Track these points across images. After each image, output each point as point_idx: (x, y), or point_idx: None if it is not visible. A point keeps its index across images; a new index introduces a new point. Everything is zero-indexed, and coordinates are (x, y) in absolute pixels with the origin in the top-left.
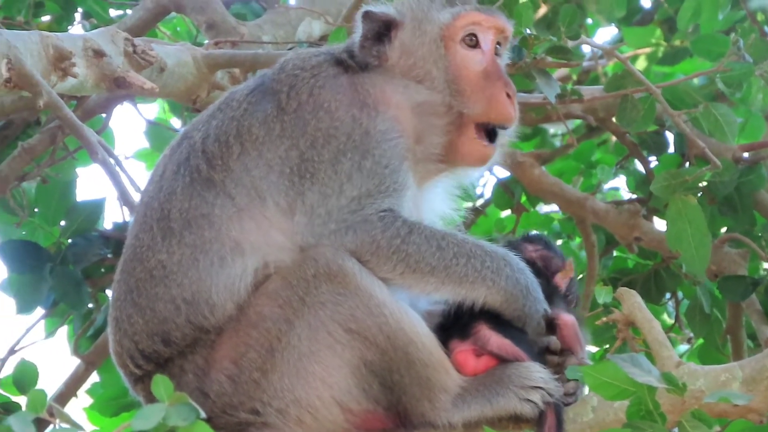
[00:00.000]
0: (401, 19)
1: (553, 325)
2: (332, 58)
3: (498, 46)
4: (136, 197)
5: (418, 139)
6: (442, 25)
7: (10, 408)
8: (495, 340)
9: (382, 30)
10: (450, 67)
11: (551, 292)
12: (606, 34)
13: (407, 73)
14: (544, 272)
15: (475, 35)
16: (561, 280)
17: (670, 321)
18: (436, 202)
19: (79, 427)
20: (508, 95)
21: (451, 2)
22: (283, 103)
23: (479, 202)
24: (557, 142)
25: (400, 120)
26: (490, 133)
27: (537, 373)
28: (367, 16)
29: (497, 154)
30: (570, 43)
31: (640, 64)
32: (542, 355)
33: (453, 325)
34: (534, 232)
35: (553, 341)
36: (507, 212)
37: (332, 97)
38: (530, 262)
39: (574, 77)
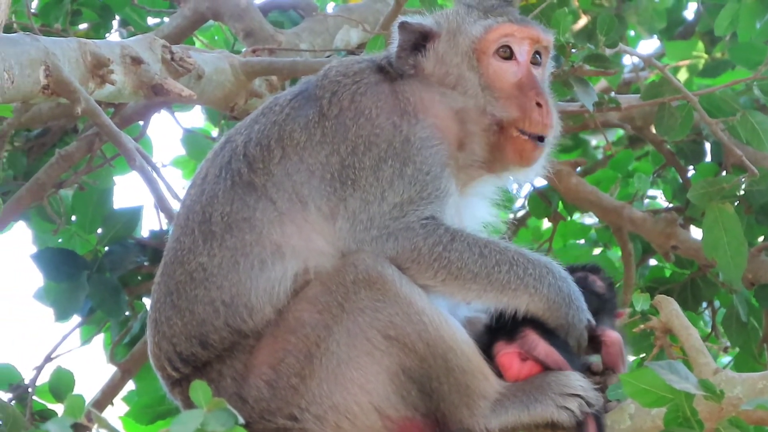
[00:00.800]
0: (438, 30)
1: (597, 342)
2: (374, 65)
3: (538, 55)
4: (174, 204)
5: (461, 145)
6: (474, 39)
7: (47, 415)
8: (543, 347)
9: (419, 41)
10: (483, 79)
11: (599, 309)
12: (648, 47)
13: (442, 82)
14: (596, 292)
15: (509, 47)
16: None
17: (706, 330)
18: (478, 210)
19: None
20: (539, 104)
21: (488, 12)
22: (324, 109)
23: (520, 213)
24: (599, 154)
25: (441, 127)
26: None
27: (576, 381)
28: (403, 27)
29: (544, 156)
30: (608, 52)
31: (681, 76)
32: (584, 371)
33: (499, 328)
34: (593, 264)
35: (595, 363)
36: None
37: (373, 104)
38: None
39: (614, 89)
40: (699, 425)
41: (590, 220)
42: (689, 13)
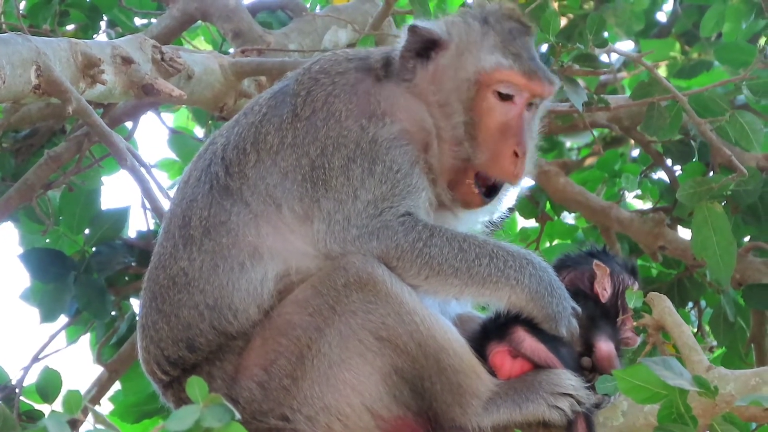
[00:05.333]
0: (447, 41)
1: (591, 350)
2: (363, 65)
3: (537, 99)
4: (165, 203)
5: (426, 151)
6: (482, 70)
7: (34, 416)
8: (529, 342)
9: (426, 46)
10: (473, 110)
11: (595, 315)
12: (622, 48)
13: (429, 95)
14: (588, 294)
15: (510, 93)
16: (599, 287)
17: (693, 330)
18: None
19: (114, 428)
20: (516, 154)
21: (505, 41)
22: (298, 109)
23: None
24: (574, 156)
25: (408, 131)
26: (491, 186)
27: (568, 380)
28: (413, 29)
29: (490, 205)
30: (597, 51)
31: None
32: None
33: (493, 328)
34: (559, 257)
35: (585, 360)
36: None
37: (344, 107)
38: (575, 290)
39: (592, 90)
40: (693, 421)
41: (571, 219)
42: (662, 15)
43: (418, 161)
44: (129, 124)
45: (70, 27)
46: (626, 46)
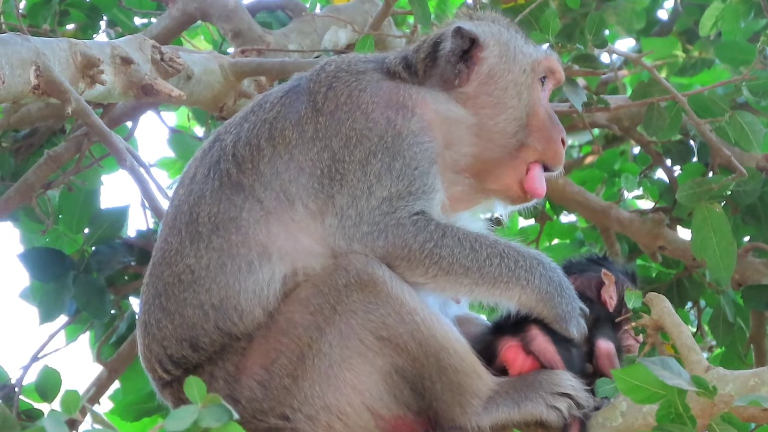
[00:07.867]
0: (486, 40)
1: (591, 351)
2: (381, 67)
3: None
4: (164, 203)
5: (448, 145)
6: (535, 59)
7: (33, 415)
8: (539, 341)
9: (467, 48)
10: (528, 100)
11: (598, 317)
12: (623, 46)
13: (484, 94)
14: (592, 297)
15: (545, 78)
16: (606, 295)
17: (692, 329)
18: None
19: (113, 428)
20: (563, 141)
21: (527, 40)
22: (319, 104)
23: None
24: (574, 153)
25: (433, 127)
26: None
27: (567, 380)
28: (458, 32)
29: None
30: (596, 51)
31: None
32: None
33: (507, 326)
34: (562, 263)
35: (587, 366)
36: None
37: (370, 99)
38: (581, 296)
39: (593, 89)
40: (692, 421)
41: (567, 218)
42: (663, 13)
43: (436, 161)
44: (128, 124)
45: (69, 27)
46: (627, 43)
